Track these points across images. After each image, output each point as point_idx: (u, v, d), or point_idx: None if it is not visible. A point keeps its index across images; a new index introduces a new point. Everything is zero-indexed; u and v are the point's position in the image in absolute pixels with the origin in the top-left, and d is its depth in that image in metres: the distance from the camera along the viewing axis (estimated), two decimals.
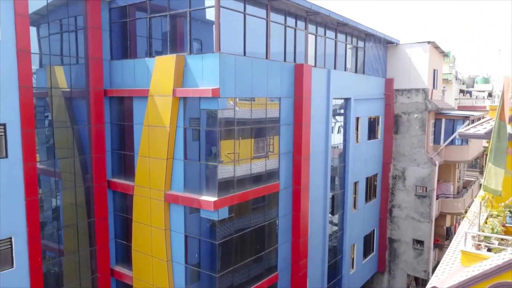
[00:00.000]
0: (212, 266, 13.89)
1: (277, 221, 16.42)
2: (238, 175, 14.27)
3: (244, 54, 14.19)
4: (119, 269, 16.80)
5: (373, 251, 25.82)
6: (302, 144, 16.57)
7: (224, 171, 13.69)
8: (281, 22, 16.00)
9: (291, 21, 16.59)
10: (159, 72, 14.15)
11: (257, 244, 15.68)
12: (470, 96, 45.08)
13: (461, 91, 45.42)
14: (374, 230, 25.64)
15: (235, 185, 14.07)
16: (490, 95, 46.88)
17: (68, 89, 15.26)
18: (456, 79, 43.04)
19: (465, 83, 48.95)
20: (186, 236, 14.42)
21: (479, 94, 47.00)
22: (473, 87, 50.37)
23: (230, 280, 14.39)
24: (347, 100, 20.91)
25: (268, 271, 16.28)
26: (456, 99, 42.60)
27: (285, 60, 16.30)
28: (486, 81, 51.24)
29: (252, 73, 14.28)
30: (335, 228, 21.31)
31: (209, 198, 13.39)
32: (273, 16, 15.52)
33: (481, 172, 39.10)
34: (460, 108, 40.82)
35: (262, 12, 14.99)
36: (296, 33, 16.87)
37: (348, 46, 21.29)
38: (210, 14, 13.79)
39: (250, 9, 14.48)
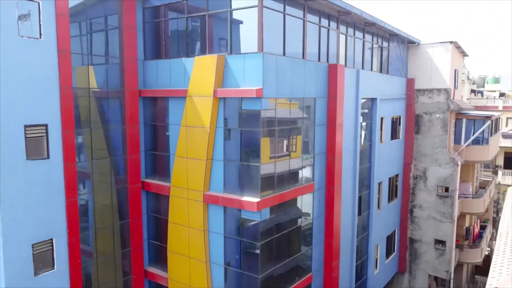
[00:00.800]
0: (254, 267, 13.81)
1: (311, 222, 16.36)
2: (277, 176, 14.20)
3: (284, 54, 14.14)
4: (153, 270, 16.72)
5: (394, 251, 25.78)
6: (336, 145, 16.52)
7: (265, 171, 13.62)
8: (316, 22, 15.95)
9: (323, 21, 16.53)
10: (198, 72, 14.08)
11: (294, 245, 15.62)
12: (482, 96, 45.11)
13: (472, 91, 45.49)
14: (395, 230, 25.59)
15: (275, 186, 14.01)
16: (502, 94, 46.98)
17: (103, 90, 15.18)
18: (468, 79, 43.07)
19: (475, 83, 48.96)
20: (225, 237, 14.34)
21: (490, 94, 47.03)
22: (483, 87, 50.38)
23: (269, 281, 14.32)
24: (373, 100, 20.87)
25: (303, 272, 16.22)
26: (468, 99, 42.61)
27: (319, 60, 16.25)
28: (496, 81, 51.25)
29: (291, 73, 14.23)
30: (361, 228, 21.25)
31: (252, 199, 13.32)
32: (308, 16, 15.46)
33: (494, 172, 39.10)
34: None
35: (299, 12, 14.94)
36: (329, 33, 16.82)
37: (374, 46, 21.25)
38: (236, 14, 13.82)
39: (288, 9, 14.43)
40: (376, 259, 23.17)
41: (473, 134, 25.47)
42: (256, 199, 13.22)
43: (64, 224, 13.62)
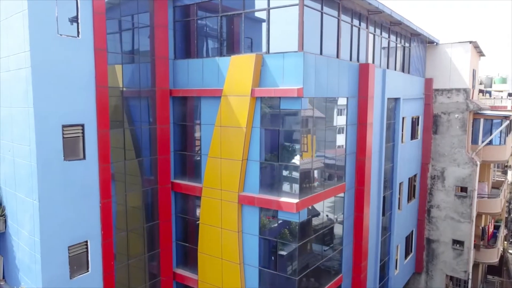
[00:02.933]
0: (292, 269, 13.66)
1: (342, 223, 16.23)
2: (313, 177, 14.07)
3: (321, 53, 13.99)
4: (181, 272, 16.53)
5: (411, 251, 25.71)
6: (366, 145, 16.40)
7: (302, 172, 13.46)
8: (348, 21, 15.82)
9: (354, 20, 16.39)
10: (234, 72, 13.89)
11: (326, 246, 15.49)
12: (490, 96, 45.25)
13: (480, 91, 45.62)
14: (412, 230, 25.53)
15: (312, 187, 13.87)
16: (510, 94, 47.09)
17: (133, 89, 14.94)
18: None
19: (482, 83, 49.06)
20: (260, 239, 14.17)
21: (497, 94, 47.22)
22: (491, 87, 50.57)
23: (305, 283, 14.18)
24: (396, 100, 20.75)
25: (334, 274, 16.10)
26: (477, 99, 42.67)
27: (351, 60, 16.12)
28: (503, 81, 51.50)
29: (328, 72, 14.09)
30: (384, 229, 21.15)
31: (290, 199, 13.16)
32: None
33: (504, 172, 39.21)
34: None
35: (333, 12, 14.79)
36: (360, 32, 16.70)
37: (398, 45, 21.16)
38: (260, 14, 13.84)
39: (324, 8, 14.27)
40: (396, 259, 23.10)
41: (491, 134, 25.42)
42: (295, 200, 13.06)
43: (98, 226, 13.40)
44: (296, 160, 13.16)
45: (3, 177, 14.15)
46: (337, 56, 15.10)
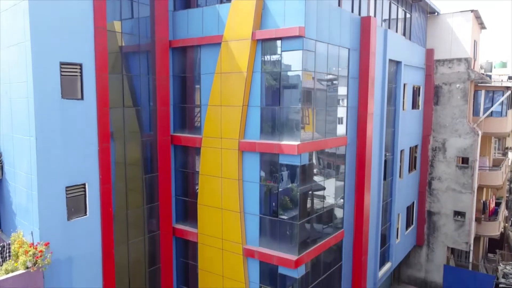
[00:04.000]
0: (292, 214, 13.48)
1: (343, 175, 16.07)
2: (314, 124, 13.91)
3: None
4: (181, 227, 16.34)
5: (412, 224, 25.54)
6: (368, 100, 16.24)
7: (304, 116, 13.31)
8: None
9: None
10: (235, 16, 13.72)
11: (327, 197, 15.32)
12: (490, 79, 45.17)
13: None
14: (413, 202, 25.36)
15: (313, 132, 13.71)
16: (510, 78, 46.93)
17: (133, 41, 14.72)
18: None
19: (483, 67, 48.97)
20: (261, 186, 14.00)
21: (498, 78, 47.14)
22: (491, 71, 50.40)
23: (305, 231, 14.02)
24: (398, 63, 20.59)
25: (335, 228, 15.93)
26: None
27: (352, 12, 15.96)
28: (503, 65, 51.39)
29: (329, 20, 13.93)
30: (385, 194, 20.97)
31: (292, 142, 12.99)
32: None
33: (504, 154, 38.98)
34: None
35: None
36: None
37: (399, 11, 21.00)
38: None
39: None
40: (398, 228, 22.92)
41: (493, 105, 25.29)
42: (296, 142, 12.89)
43: (97, 170, 13.22)
44: (298, 103, 12.99)
45: (0, 122, 13.97)
46: (339, 5, 14.93)
